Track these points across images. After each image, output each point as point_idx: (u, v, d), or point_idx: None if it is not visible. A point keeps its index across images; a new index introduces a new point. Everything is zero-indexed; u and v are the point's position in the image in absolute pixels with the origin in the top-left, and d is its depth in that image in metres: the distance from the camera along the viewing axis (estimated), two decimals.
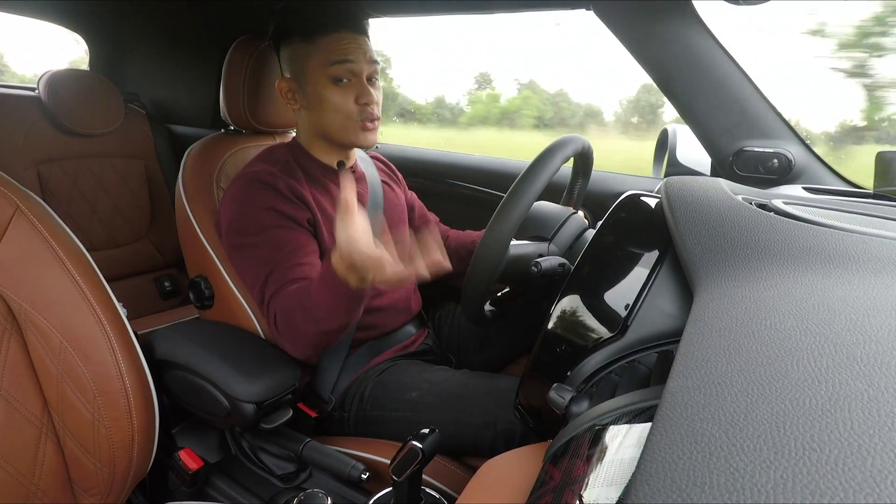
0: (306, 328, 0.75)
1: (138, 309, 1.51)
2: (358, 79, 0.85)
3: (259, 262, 0.82)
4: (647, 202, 0.60)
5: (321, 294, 0.72)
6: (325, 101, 0.85)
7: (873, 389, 0.24)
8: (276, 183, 0.84)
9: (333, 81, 0.84)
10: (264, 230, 0.82)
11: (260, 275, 0.82)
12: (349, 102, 0.85)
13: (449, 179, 1.39)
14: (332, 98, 0.84)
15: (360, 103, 0.85)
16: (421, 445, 0.57)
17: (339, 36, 0.83)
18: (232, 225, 0.85)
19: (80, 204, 1.45)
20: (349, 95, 0.85)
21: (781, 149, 0.91)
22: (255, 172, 0.86)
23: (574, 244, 0.86)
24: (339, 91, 0.84)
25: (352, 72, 0.84)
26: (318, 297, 0.72)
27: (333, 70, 0.83)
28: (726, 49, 0.90)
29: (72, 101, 1.38)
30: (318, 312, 0.73)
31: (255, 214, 0.83)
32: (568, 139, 0.78)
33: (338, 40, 0.83)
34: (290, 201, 0.85)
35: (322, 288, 0.71)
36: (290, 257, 0.81)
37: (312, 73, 0.84)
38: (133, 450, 0.61)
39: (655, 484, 0.22)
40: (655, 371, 0.46)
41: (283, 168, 0.88)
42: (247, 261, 0.84)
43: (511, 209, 0.72)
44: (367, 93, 0.85)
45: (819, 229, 0.43)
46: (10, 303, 0.56)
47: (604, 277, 0.55)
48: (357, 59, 0.84)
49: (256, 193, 0.84)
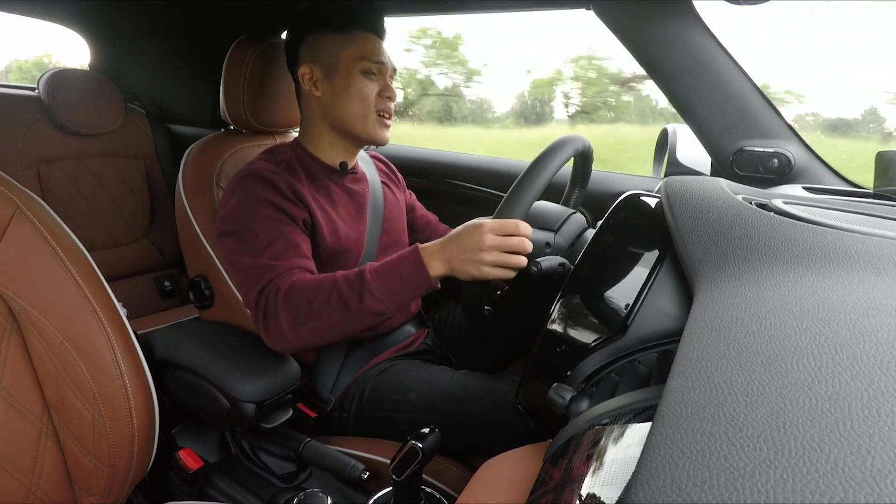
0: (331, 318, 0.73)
1: (138, 309, 1.51)
2: (384, 75, 0.91)
3: (253, 249, 0.80)
4: (647, 202, 0.60)
5: (388, 274, 0.74)
6: (353, 89, 0.89)
7: (873, 389, 0.24)
8: (277, 180, 0.84)
9: (364, 73, 0.89)
10: (259, 219, 0.82)
11: (250, 259, 0.79)
12: (374, 94, 0.90)
13: (449, 179, 1.39)
14: (361, 87, 0.89)
15: (384, 96, 0.90)
16: (421, 445, 0.57)
17: (370, 35, 0.90)
18: (227, 214, 0.85)
19: (80, 204, 1.45)
20: (374, 88, 0.90)
21: (781, 148, 0.91)
22: (256, 168, 0.86)
23: (574, 244, 0.86)
24: (367, 82, 0.89)
25: (380, 69, 0.90)
26: (381, 278, 0.73)
27: (366, 64, 0.88)
28: (726, 49, 0.90)
29: (72, 101, 1.38)
30: (371, 297, 0.72)
31: (252, 206, 0.83)
32: (569, 138, 0.78)
33: (370, 39, 0.90)
34: (289, 199, 0.85)
35: (392, 267, 0.74)
36: (287, 249, 0.80)
37: (345, 63, 0.88)
38: (133, 450, 0.61)
39: (656, 483, 0.22)
40: (655, 371, 0.46)
41: (286, 167, 0.89)
42: (238, 246, 0.82)
43: (512, 208, 0.72)
44: (390, 88, 0.91)
45: (819, 229, 0.43)
46: (10, 303, 0.56)
47: (604, 277, 0.55)
48: (386, 60, 0.91)
49: (256, 188, 0.84)
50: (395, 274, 0.74)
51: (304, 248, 0.84)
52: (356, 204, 0.96)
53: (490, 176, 1.33)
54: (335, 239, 0.90)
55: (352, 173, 0.97)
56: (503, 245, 0.70)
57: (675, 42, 0.90)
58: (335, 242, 0.90)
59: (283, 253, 0.80)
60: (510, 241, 0.70)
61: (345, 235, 0.91)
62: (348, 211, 0.95)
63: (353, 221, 0.95)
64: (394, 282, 0.73)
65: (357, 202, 0.97)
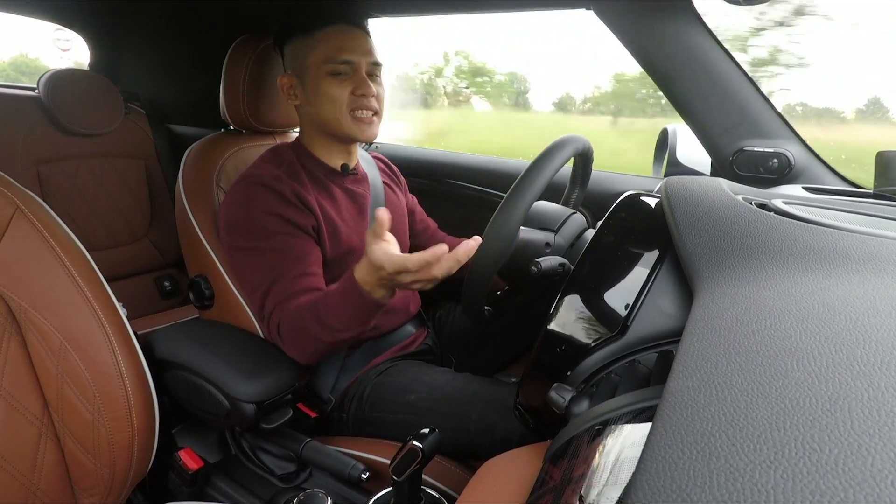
0: (321, 337, 0.76)
1: (138, 309, 1.51)
2: (356, 72, 0.86)
3: (262, 268, 0.83)
4: (647, 202, 0.60)
5: (340, 305, 0.73)
6: (322, 94, 0.86)
7: (873, 389, 0.24)
8: (282, 188, 0.84)
9: (331, 74, 0.85)
10: (269, 235, 0.83)
11: (263, 280, 0.82)
12: (344, 94, 0.86)
13: (449, 179, 1.39)
14: (329, 90, 0.86)
15: (357, 94, 0.86)
16: (421, 445, 0.57)
17: (337, 29, 0.85)
18: (234, 226, 0.85)
19: (80, 204, 1.45)
20: (346, 88, 0.86)
21: (781, 149, 0.91)
22: (259, 175, 0.86)
23: (574, 244, 0.86)
24: (336, 83, 0.85)
25: (350, 65, 0.85)
26: (337, 308, 0.73)
27: (332, 65, 0.85)
28: (726, 49, 0.90)
29: (72, 101, 1.38)
30: (336, 323, 0.74)
31: (259, 218, 0.83)
32: (569, 138, 0.78)
33: (336, 33, 0.85)
34: (296, 207, 0.85)
35: (342, 300, 0.73)
36: (294, 266, 0.82)
37: (311, 67, 0.86)
38: (133, 450, 0.61)
39: (656, 484, 0.22)
40: (655, 371, 0.46)
41: (288, 170, 0.88)
42: (249, 264, 0.85)
43: (512, 208, 0.71)
44: (365, 85, 0.86)
45: (819, 229, 0.43)
46: (10, 303, 0.56)
47: (604, 277, 0.55)
48: (355, 52, 0.85)
49: (261, 197, 0.84)
50: (346, 307, 0.73)
51: (311, 261, 0.85)
52: (357, 205, 0.96)
53: (490, 176, 1.33)
54: (337, 243, 0.90)
55: (353, 174, 0.97)
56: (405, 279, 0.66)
57: (675, 42, 0.90)
58: (338, 247, 0.90)
59: (288, 272, 0.82)
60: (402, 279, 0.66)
61: (346, 239, 0.92)
62: (350, 213, 0.95)
63: (355, 223, 0.95)
64: (348, 314, 0.73)
65: (358, 203, 0.97)
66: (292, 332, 0.79)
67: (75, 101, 1.39)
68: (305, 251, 0.84)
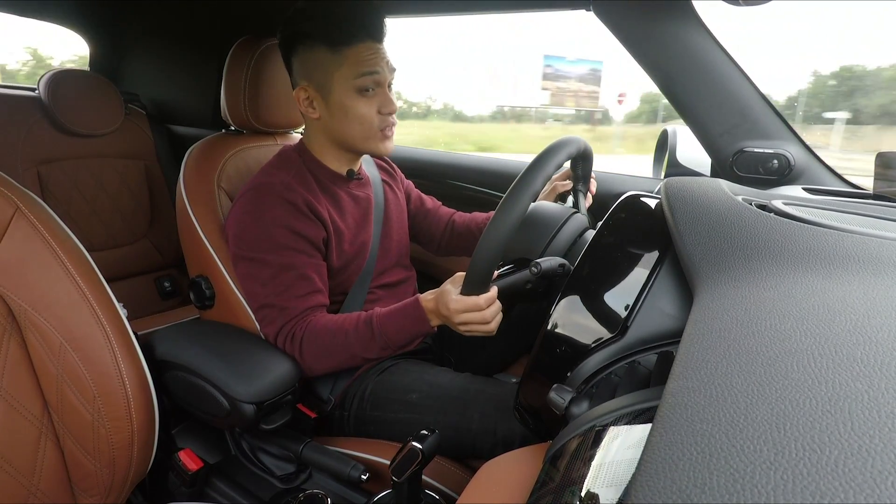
0: (347, 358, 0.82)
1: (138, 309, 1.51)
2: (381, 88, 0.85)
3: (268, 280, 0.84)
4: (646, 203, 0.60)
5: (392, 324, 0.80)
6: (351, 112, 0.85)
7: (873, 390, 0.24)
8: (295, 199, 0.84)
9: (359, 92, 0.84)
10: (278, 248, 0.83)
11: (267, 292, 0.84)
12: (373, 112, 0.85)
13: (449, 179, 1.39)
14: (358, 109, 0.84)
15: (384, 113, 0.86)
16: (421, 446, 0.57)
17: (365, 46, 0.82)
18: (243, 236, 0.85)
19: (80, 204, 1.45)
20: (373, 105, 0.85)
21: (781, 149, 0.91)
22: (271, 184, 0.85)
23: (574, 244, 0.86)
24: (364, 102, 0.84)
25: (377, 82, 0.84)
26: (389, 325, 0.80)
27: (361, 81, 0.83)
28: (726, 49, 0.90)
29: (72, 102, 1.38)
30: (380, 341, 0.80)
31: (269, 230, 0.83)
32: (568, 139, 0.78)
33: (363, 50, 0.82)
34: (307, 217, 0.85)
35: (396, 319, 0.80)
36: (302, 284, 0.84)
37: (339, 83, 0.83)
38: (133, 450, 0.61)
39: (656, 485, 0.22)
40: (655, 372, 0.46)
41: (296, 176, 0.88)
42: (255, 275, 0.85)
43: (510, 209, 0.71)
44: (390, 102, 0.86)
45: (819, 230, 0.43)
46: (10, 303, 0.56)
47: (604, 278, 0.55)
48: (381, 69, 0.84)
49: (273, 208, 0.83)
50: (400, 328, 0.80)
51: (319, 278, 0.87)
52: (362, 210, 0.97)
53: (490, 176, 1.33)
54: (342, 251, 0.91)
55: (357, 178, 0.97)
56: (467, 321, 0.75)
57: (675, 42, 0.90)
58: (342, 255, 0.91)
59: (298, 289, 0.84)
60: (471, 317, 0.74)
61: (351, 246, 0.92)
62: (355, 218, 0.95)
63: (359, 228, 0.95)
64: (399, 335, 0.81)
65: (363, 207, 0.97)
66: (317, 350, 0.82)
67: (75, 102, 1.39)
68: (310, 272, 0.85)
